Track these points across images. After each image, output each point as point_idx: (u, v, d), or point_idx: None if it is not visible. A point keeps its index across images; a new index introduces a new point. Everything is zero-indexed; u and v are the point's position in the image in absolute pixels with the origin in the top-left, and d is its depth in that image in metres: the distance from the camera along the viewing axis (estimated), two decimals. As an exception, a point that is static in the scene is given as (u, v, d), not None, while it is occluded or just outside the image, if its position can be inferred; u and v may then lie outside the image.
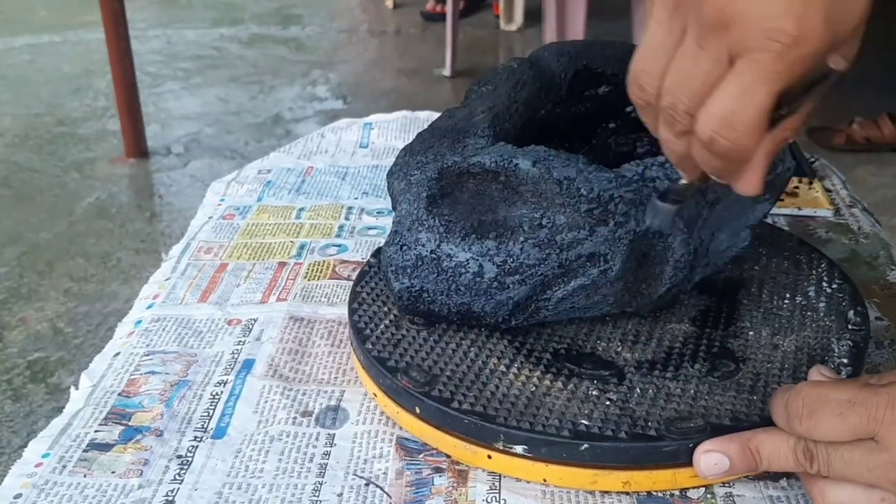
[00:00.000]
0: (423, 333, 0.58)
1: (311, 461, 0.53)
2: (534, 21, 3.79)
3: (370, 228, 0.81)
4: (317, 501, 0.50)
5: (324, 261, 0.75)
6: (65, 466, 0.53)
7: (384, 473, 0.52)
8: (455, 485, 0.51)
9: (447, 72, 3.35)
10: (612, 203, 0.53)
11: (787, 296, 0.62)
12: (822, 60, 0.38)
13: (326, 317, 0.67)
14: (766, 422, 0.49)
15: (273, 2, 4.51)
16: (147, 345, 0.64)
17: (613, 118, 0.68)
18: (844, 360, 0.55)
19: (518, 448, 0.50)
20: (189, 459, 0.53)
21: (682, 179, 0.44)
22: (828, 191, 0.86)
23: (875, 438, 0.44)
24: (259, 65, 3.59)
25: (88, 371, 0.62)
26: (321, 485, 0.51)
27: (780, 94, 0.37)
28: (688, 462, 0.49)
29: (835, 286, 0.63)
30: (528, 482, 0.51)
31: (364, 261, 0.72)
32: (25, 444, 0.55)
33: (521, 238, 0.54)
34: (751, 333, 0.58)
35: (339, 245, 0.78)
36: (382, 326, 0.59)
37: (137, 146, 2.70)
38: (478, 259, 0.55)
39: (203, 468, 0.53)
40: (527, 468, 0.51)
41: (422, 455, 0.54)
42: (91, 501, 0.50)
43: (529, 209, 0.54)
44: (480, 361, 0.55)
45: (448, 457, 0.53)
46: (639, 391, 0.53)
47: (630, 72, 0.42)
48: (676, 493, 0.50)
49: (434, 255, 0.55)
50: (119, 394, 0.59)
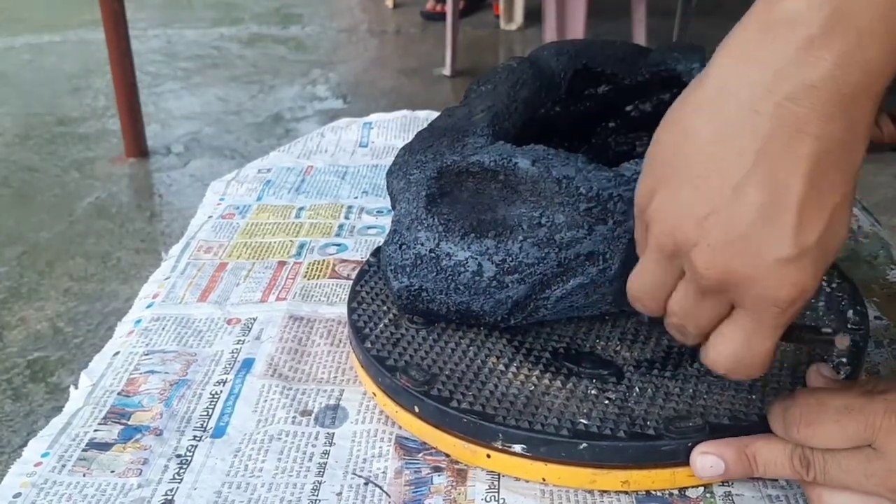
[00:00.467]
0: (423, 333, 0.58)
1: (311, 460, 0.53)
2: (534, 21, 3.79)
3: (370, 228, 0.81)
4: (316, 500, 0.50)
5: (323, 260, 0.75)
6: (64, 466, 0.53)
7: (383, 472, 0.52)
8: (454, 484, 0.51)
9: (447, 71, 3.35)
10: (611, 202, 0.53)
11: None
12: None
13: (326, 316, 0.67)
14: (765, 421, 0.49)
15: (273, 1, 4.51)
16: (146, 344, 0.64)
17: (613, 117, 0.68)
18: (843, 360, 0.55)
19: (517, 447, 0.50)
20: (188, 459, 0.53)
21: None
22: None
23: (872, 446, 0.44)
24: (259, 64, 3.59)
25: (88, 370, 0.62)
26: (320, 484, 0.51)
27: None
28: (686, 461, 0.49)
29: (834, 285, 0.63)
30: (527, 481, 0.51)
31: (364, 260, 0.72)
32: (25, 444, 0.55)
33: (521, 237, 0.54)
34: None
35: (339, 244, 0.78)
36: (382, 326, 0.59)
37: (137, 146, 2.70)
38: (477, 258, 0.54)
39: (202, 467, 0.53)
40: (526, 467, 0.51)
41: (421, 454, 0.54)
42: (90, 500, 0.50)
43: (528, 208, 0.54)
44: (479, 360, 0.55)
45: (447, 456, 0.53)
46: (638, 390, 0.53)
47: (630, 293, 0.45)
48: (675, 493, 0.50)
49: (433, 254, 0.55)
50: (118, 393, 0.59)
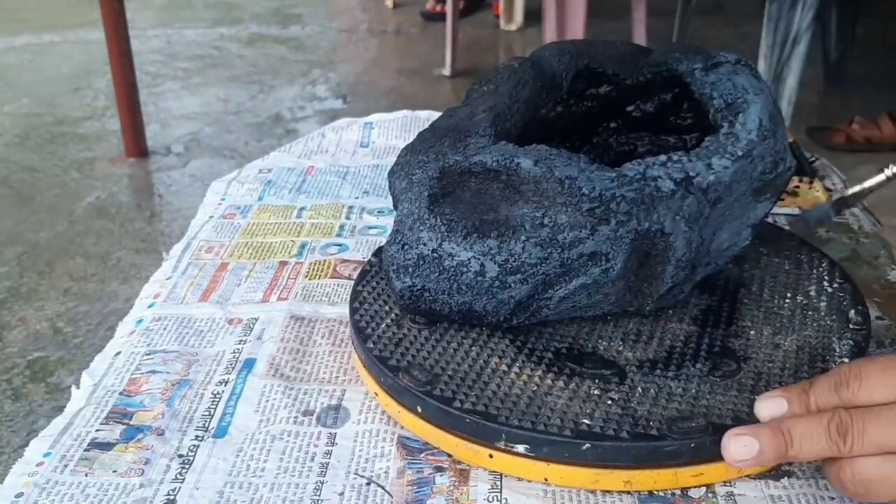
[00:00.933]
0: (425, 332, 0.58)
1: (313, 460, 0.53)
2: (534, 21, 3.79)
3: (371, 228, 0.81)
4: (318, 500, 0.50)
5: (325, 260, 0.75)
6: (66, 465, 0.53)
7: (385, 472, 0.52)
8: (456, 484, 0.51)
9: (447, 72, 3.35)
10: (614, 202, 0.53)
11: (788, 295, 0.62)
12: None
13: (327, 316, 0.67)
14: (768, 421, 0.49)
15: (273, 1, 4.51)
16: (148, 344, 0.64)
17: (614, 117, 0.68)
18: (846, 360, 0.55)
19: (519, 447, 0.50)
20: (190, 458, 0.53)
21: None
22: (828, 190, 0.86)
23: None
24: (259, 64, 3.59)
25: (89, 370, 0.62)
26: (322, 484, 0.51)
27: None
28: (689, 461, 0.50)
29: (836, 286, 0.63)
30: (530, 481, 0.51)
31: (365, 260, 0.72)
32: (25, 444, 0.55)
33: (523, 237, 0.54)
34: (752, 333, 0.58)
35: (340, 244, 0.78)
36: (384, 325, 0.59)
37: (137, 146, 2.70)
38: (479, 258, 0.54)
39: (204, 467, 0.53)
40: (528, 467, 0.51)
41: (423, 454, 0.54)
42: (92, 500, 0.50)
43: (531, 208, 0.54)
44: (482, 361, 0.55)
45: (449, 456, 0.53)
46: (640, 391, 0.53)
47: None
48: (678, 493, 0.50)
49: (436, 255, 0.55)
50: (120, 393, 0.59)
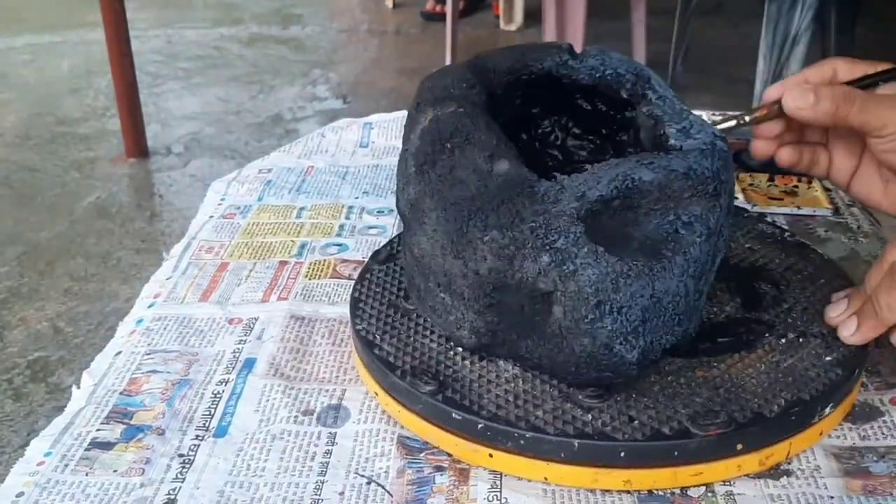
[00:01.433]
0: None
1: (313, 460, 0.53)
2: (534, 21, 3.79)
3: (371, 228, 0.81)
4: (318, 500, 0.50)
5: (324, 260, 0.75)
6: (67, 465, 0.53)
7: (385, 472, 0.52)
8: (456, 483, 0.51)
9: (447, 71, 3.35)
10: (722, 173, 0.53)
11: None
12: None
13: (327, 316, 0.67)
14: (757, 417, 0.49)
15: (273, 2, 4.51)
16: (148, 344, 0.65)
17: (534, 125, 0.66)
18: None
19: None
20: (191, 458, 0.54)
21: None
22: (827, 190, 0.86)
23: None
24: (259, 64, 3.59)
25: (90, 370, 0.62)
26: (323, 483, 0.51)
27: None
28: (688, 461, 0.50)
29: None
30: (530, 481, 0.51)
31: (365, 260, 0.72)
32: (26, 444, 0.55)
33: (697, 240, 0.52)
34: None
35: (340, 244, 0.78)
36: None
37: (138, 146, 2.70)
38: (682, 280, 0.52)
39: (205, 467, 0.53)
40: (528, 467, 0.51)
41: (423, 454, 0.54)
42: (93, 500, 0.50)
43: (658, 218, 0.52)
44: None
45: (449, 455, 0.53)
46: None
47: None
48: (677, 492, 0.51)
49: (654, 299, 0.50)
50: (121, 393, 0.59)
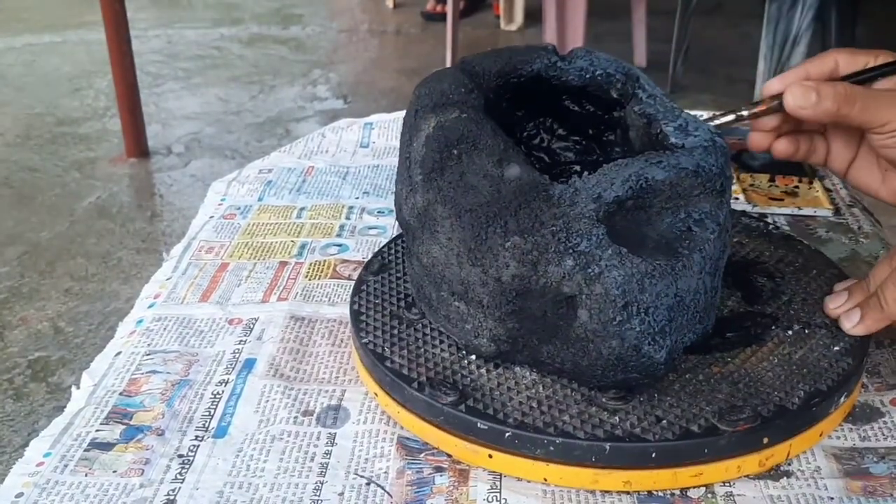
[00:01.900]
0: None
1: (313, 460, 0.53)
2: (534, 21, 3.79)
3: (371, 228, 0.81)
4: (318, 501, 0.50)
5: (325, 260, 0.75)
6: (66, 465, 0.53)
7: (385, 473, 0.52)
8: (456, 484, 0.51)
9: (447, 72, 3.35)
10: (726, 169, 0.53)
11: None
12: None
13: (327, 316, 0.67)
14: (781, 413, 0.49)
15: (273, 2, 4.51)
16: (148, 344, 0.65)
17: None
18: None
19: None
20: (190, 459, 0.54)
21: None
22: (828, 190, 0.86)
23: None
24: (259, 64, 3.59)
25: (90, 370, 0.62)
26: (322, 484, 0.51)
27: None
28: (688, 463, 0.50)
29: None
30: (529, 481, 0.51)
31: (365, 260, 0.72)
32: (26, 444, 0.55)
33: (710, 236, 0.52)
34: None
35: (340, 245, 0.78)
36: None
37: (138, 146, 2.70)
38: (701, 277, 0.52)
39: (204, 467, 0.53)
40: (527, 468, 0.51)
41: (423, 454, 0.54)
42: (93, 500, 0.50)
43: (670, 216, 0.52)
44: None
45: (449, 456, 0.53)
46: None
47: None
48: (677, 493, 0.51)
49: (678, 298, 0.51)
50: (120, 393, 0.59)
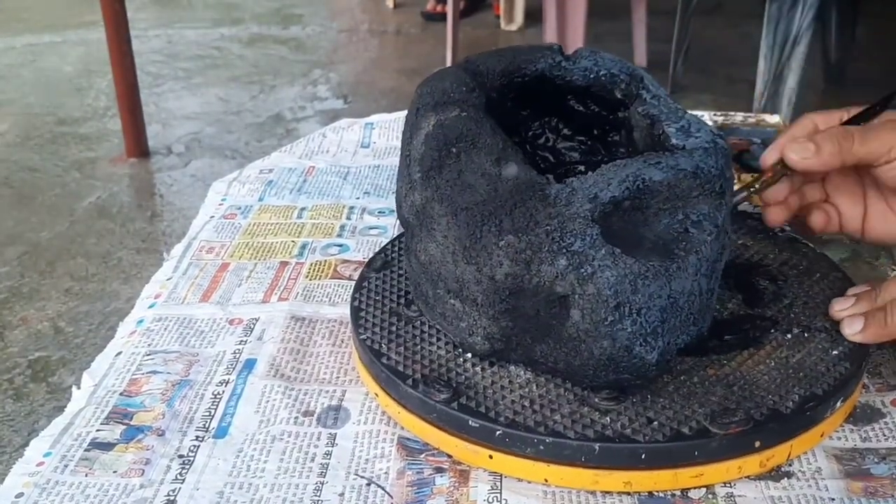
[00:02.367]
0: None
1: (313, 461, 0.53)
2: (534, 21, 3.79)
3: (371, 228, 0.81)
4: (318, 501, 0.50)
5: (325, 260, 0.75)
6: (66, 466, 0.53)
7: (385, 473, 0.52)
8: (456, 485, 0.51)
9: (448, 72, 3.35)
10: (726, 171, 0.53)
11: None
12: None
13: (328, 316, 0.67)
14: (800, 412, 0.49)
15: (273, 2, 4.51)
16: (149, 344, 0.64)
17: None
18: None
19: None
20: (191, 459, 0.53)
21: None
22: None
23: None
24: (259, 64, 3.59)
25: (90, 370, 0.62)
26: (322, 484, 0.51)
27: None
28: (710, 460, 0.50)
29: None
30: (530, 482, 0.51)
31: (366, 260, 0.72)
32: (26, 444, 0.55)
33: (707, 238, 0.52)
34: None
35: (341, 245, 0.78)
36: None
37: (138, 146, 2.70)
38: (696, 279, 0.51)
39: (205, 468, 0.53)
40: (528, 468, 0.51)
41: (423, 455, 0.54)
42: (93, 501, 0.50)
43: (667, 217, 0.52)
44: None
45: (449, 457, 0.53)
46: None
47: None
48: (678, 494, 0.50)
49: (671, 299, 0.51)
50: (121, 393, 0.59)
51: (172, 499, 0.50)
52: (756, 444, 0.50)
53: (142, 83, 2.77)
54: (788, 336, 0.58)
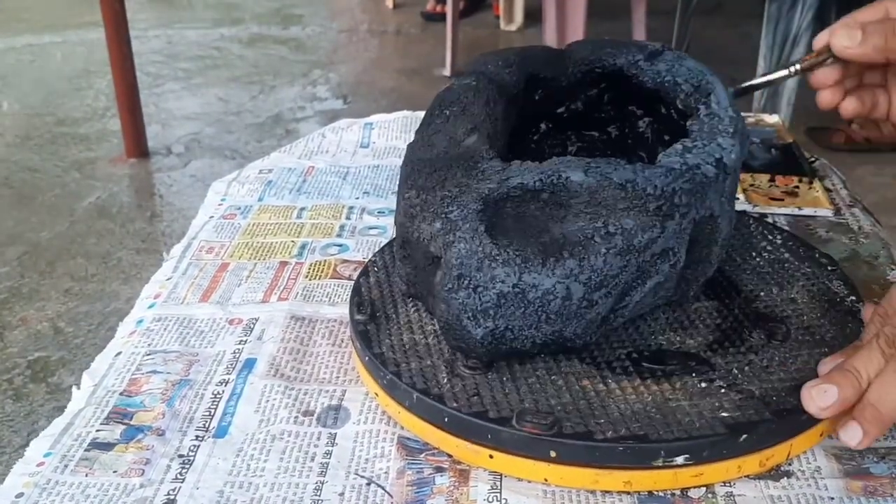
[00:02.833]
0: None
1: (313, 460, 0.53)
2: (534, 21, 3.79)
3: (371, 228, 0.81)
4: (318, 501, 0.50)
5: (325, 260, 0.75)
6: (66, 466, 0.53)
7: (385, 473, 0.52)
8: (456, 484, 0.51)
9: (447, 72, 3.35)
10: (676, 196, 0.52)
11: (763, 255, 0.64)
12: None
13: (328, 316, 0.67)
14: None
15: (273, 2, 4.51)
16: (149, 344, 0.65)
17: (545, 120, 0.67)
18: (852, 297, 0.56)
19: (680, 459, 0.50)
20: (191, 459, 0.54)
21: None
22: (828, 190, 0.86)
23: None
24: (259, 65, 3.59)
25: (90, 370, 0.62)
26: (322, 484, 0.51)
27: None
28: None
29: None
30: (530, 482, 0.51)
31: (365, 260, 0.72)
32: (26, 444, 0.55)
33: (603, 249, 0.52)
34: (763, 294, 0.62)
35: (341, 245, 0.78)
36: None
37: (138, 146, 2.70)
38: (564, 282, 0.52)
39: (205, 467, 0.53)
40: (528, 468, 0.51)
41: (423, 454, 0.54)
42: (93, 500, 0.50)
43: (586, 220, 0.52)
44: (568, 383, 0.55)
45: (449, 456, 0.53)
46: (736, 371, 0.54)
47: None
48: (677, 493, 0.51)
49: (518, 289, 0.51)
50: (121, 393, 0.59)
51: (172, 498, 0.50)
52: (756, 444, 0.50)
53: (141, 83, 2.77)
54: (787, 342, 0.58)
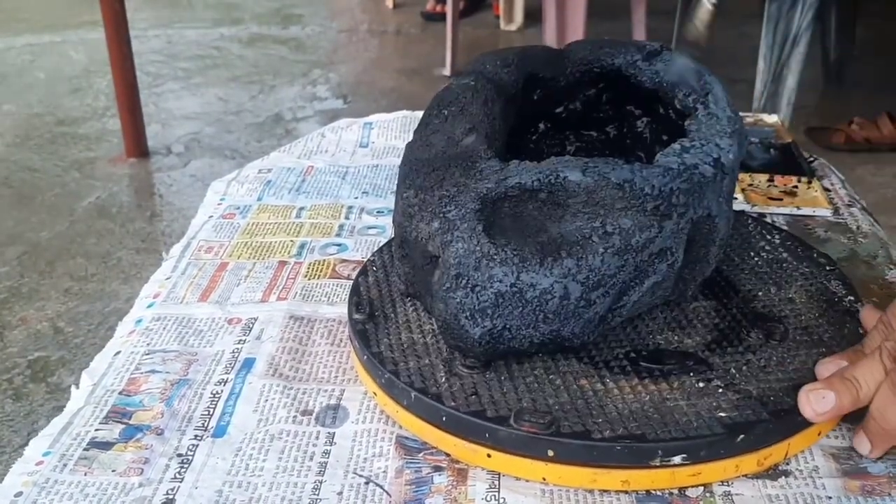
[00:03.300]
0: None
1: (312, 460, 0.53)
2: (534, 21, 3.79)
3: (370, 228, 0.81)
4: (317, 500, 0.50)
5: (324, 260, 0.75)
6: (65, 465, 0.53)
7: (384, 472, 0.52)
8: (455, 483, 0.51)
9: (447, 72, 3.35)
10: (674, 196, 0.52)
11: (761, 255, 0.64)
12: None
13: (326, 316, 0.68)
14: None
15: (273, 2, 4.51)
16: (148, 344, 0.65)
17: (544, 120, 0.67)
18: (850, 297, 0.56)
19: (677, 459, 0.50)
20: (189, 458, 0.54)
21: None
22: (826, 190, 0.86)
23: None
24: (259, 64, 3.59)
25: (89, 370, 0.62)
26: (321, 483, 0.52)
27: None
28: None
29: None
30: (528, 481, 0.51)
31: (364, 260, 0.72)
32: (26, 443, 0.55)
33: (600, 249, 0.52)
34: (761, 293, 0.62)
35: (340, 244, 0.78)
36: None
37: (138, 146, 2.70)
38: (561, 281, 0.52)
39: (203, 467, 0.53)
40: (526, 467, 0.51)
41: (421, 454, 0.54)
42: (92, 500, 0.50)
43: (584, 220, 0.52)
44: (566, 383, 0.55)
45: (447, 455, 0.53)
46: (734, 371, 0.54)
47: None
48: (675, 492, 0.51)
49: (515, 289, 0.51)
50: (120, 392, 0.59)
51: (171, 497, 0.50)
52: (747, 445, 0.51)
53: (141, 83, 2.77)
54: (786, 342, 0.58)
